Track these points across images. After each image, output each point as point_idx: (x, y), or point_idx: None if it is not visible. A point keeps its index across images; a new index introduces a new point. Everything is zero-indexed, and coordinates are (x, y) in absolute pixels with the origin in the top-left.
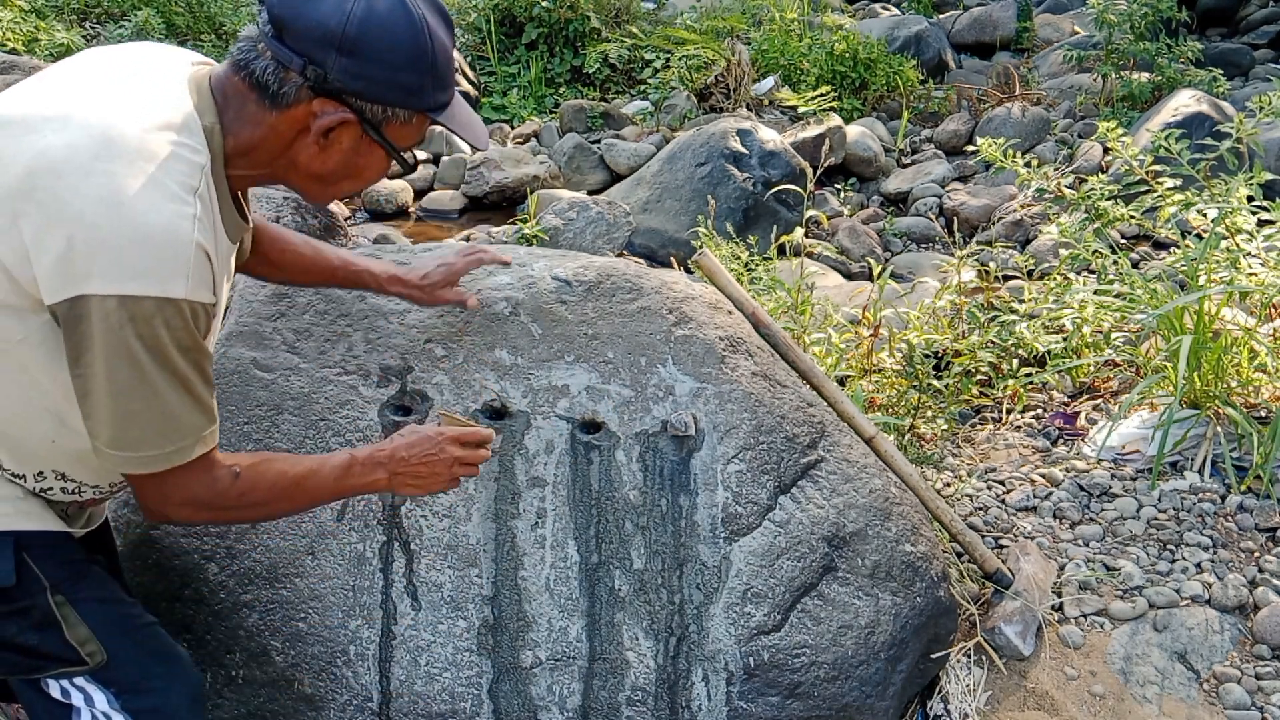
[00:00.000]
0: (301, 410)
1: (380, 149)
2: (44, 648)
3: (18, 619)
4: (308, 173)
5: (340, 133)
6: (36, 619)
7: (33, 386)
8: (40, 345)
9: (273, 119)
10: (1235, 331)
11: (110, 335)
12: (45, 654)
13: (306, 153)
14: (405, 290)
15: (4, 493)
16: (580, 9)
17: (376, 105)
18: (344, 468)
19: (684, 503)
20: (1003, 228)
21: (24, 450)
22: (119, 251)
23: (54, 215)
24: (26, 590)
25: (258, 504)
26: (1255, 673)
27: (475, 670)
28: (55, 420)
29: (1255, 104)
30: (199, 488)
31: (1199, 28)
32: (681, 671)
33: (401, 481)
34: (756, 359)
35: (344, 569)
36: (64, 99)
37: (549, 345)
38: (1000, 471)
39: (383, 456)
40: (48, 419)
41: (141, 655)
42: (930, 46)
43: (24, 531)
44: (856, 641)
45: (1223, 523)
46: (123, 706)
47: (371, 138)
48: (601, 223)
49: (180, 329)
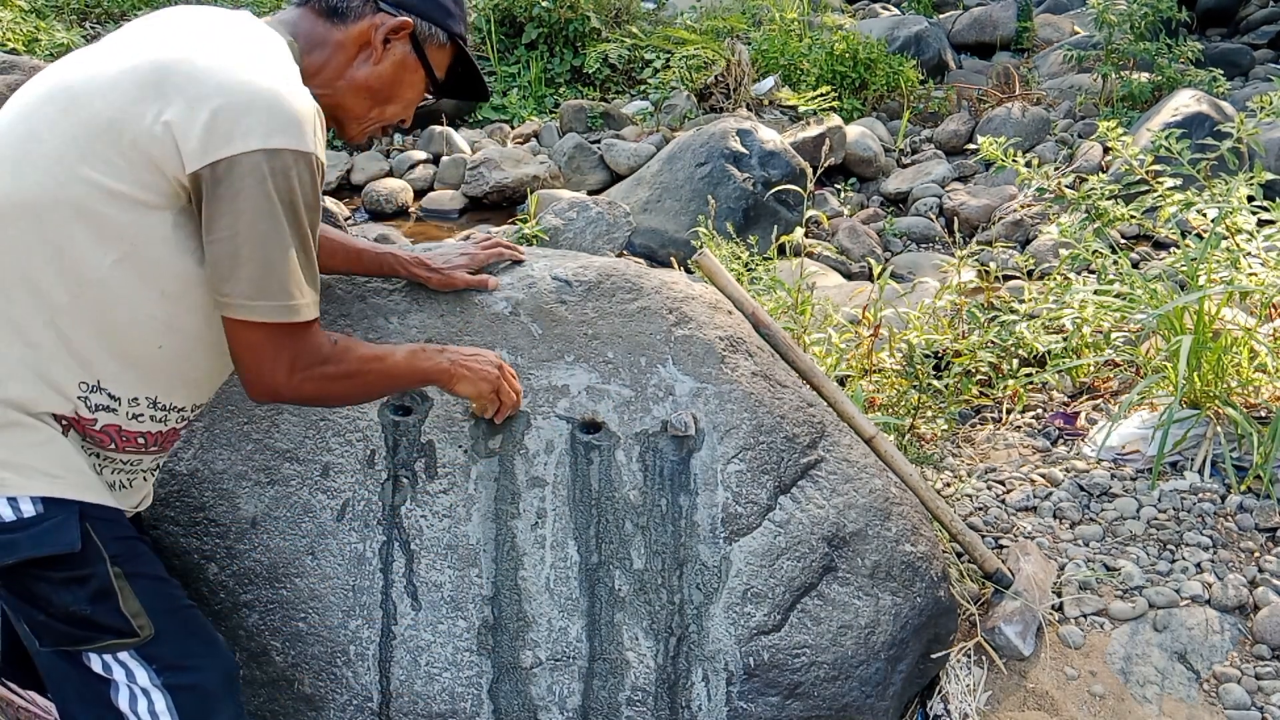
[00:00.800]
0: (301, 410)
1: (420, 71)
2: (98, 617)
3: (75, 587)
4: (365, 88)
5: (396, 42)
6: (94, 588)
7: (148, 288)
8: (163, 241)
9: (340, 36)
10: (1235, 331)
11: (254, 188)
12: (98, 624)
13: (365, 68)
14: (427, 273)
15: (72, 464)
16: (580, 9)
17: (423, 21)
18: (412, 351)
19: (684, 503)
20: (1003, 228)
21: (130, 364)
22: (259, 113)
23: (194, 93)
24: (88, 559)
25: (350, 375)
26: (1255, 673)
27: (475, 670)
28: (164, 325)
29: (1255, 104)
30: (310, 350)
31: (1199, 28)
32: (681, 671)
33: (460, 373)
34: (756, 359)
35: (344, 569)
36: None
37: (549, 345)
38: (1000, 471)
39: (441, 350)
40: (156, 325)
41: (184, 634)
42: (930, 46)
43: (87, 503)
44: (856, 641)
45: (1223, 523)
46: (163, 683)
47: (415, 55)
48: (601, 223)
49: (308, 185)
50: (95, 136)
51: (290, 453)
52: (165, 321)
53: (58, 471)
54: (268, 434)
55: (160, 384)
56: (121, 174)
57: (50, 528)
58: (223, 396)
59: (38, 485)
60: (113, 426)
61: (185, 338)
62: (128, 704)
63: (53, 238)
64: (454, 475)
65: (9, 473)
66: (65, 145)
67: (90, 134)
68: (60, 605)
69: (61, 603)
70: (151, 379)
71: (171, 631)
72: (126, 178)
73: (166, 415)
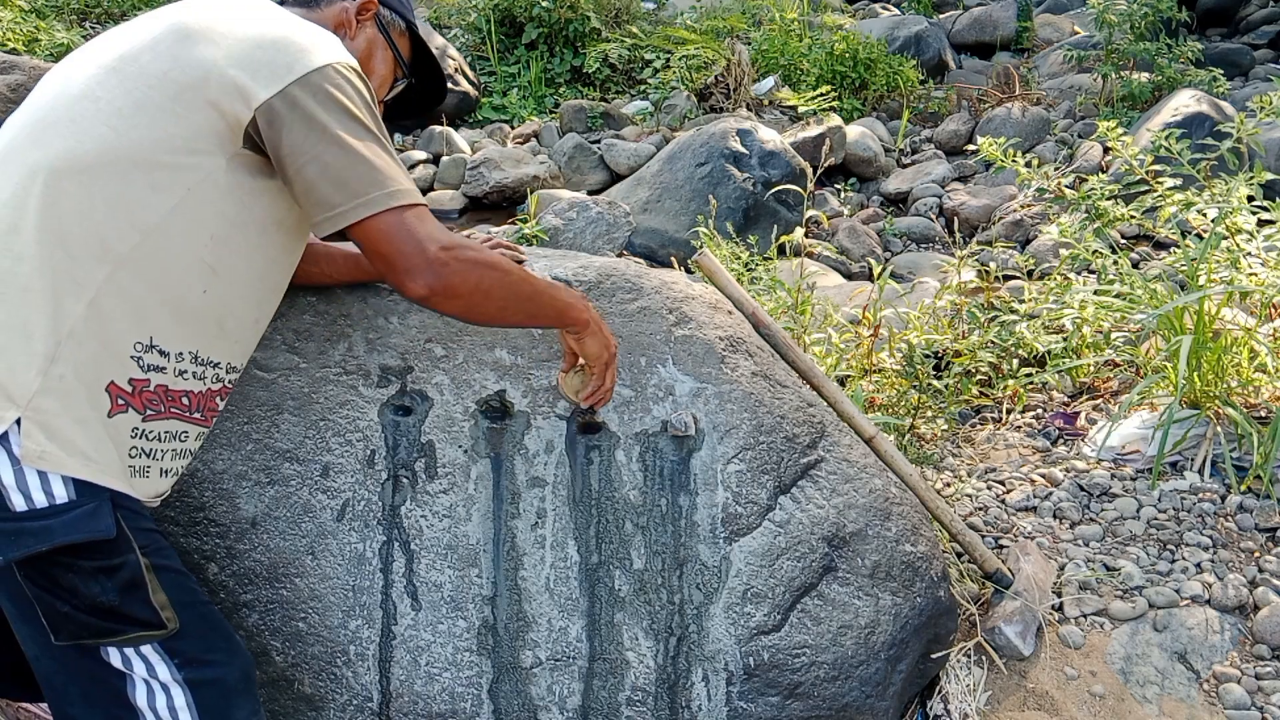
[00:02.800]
0: (301, 410)
1: (389, 49)
2: (126, 608)
3: (104, 577)
4: None
5: (365, 22)
6: (125, 579)
7: (200, 232)
8: (215, 185)
9: (317, 18)
10: (1235, 331)
11: (326, 102)
12: (126, 615)
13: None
14: None
15: (107, 449)
16: (580, 9)
17: (384, 6)
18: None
19: (684, 503)
20: (1003, 228)
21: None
22: (303, 40)
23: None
24: (119, 547)
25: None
26: (1255, 673)
27: (475, 670)
28: (210, 269)
29: (1255, 104)
30: (438, 228)
31: (1199, 28)
32: (681, 671)
33: (596, 329)
34: (756, 359)
35: (344, 569)
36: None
37: (549, 345)
38: (1000, 471)
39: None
40: (204, 269)
41: (206, 628)
42: (930, 46)
43: (115, 490)
44: (856, 641)
45: (1223, 523)
46: (184, 678)
47: (382, 35)
48: (601, 223)
49: (366, 89)
50: (151, 88)
51: (290, 453)
52: (211, 264)
53: (94, 454)
54: (268, 434)
55: (202, 335)
56: (179, 122)
57: (84, 514)
58: None
59: (74, 465)
60: (161, 387)
61: (227, 283)
62: (145, 700)
63: (113, 190)
64: (454, 475)
65: (53, 445)
66: (121, 99)
67: (145, 86)
68: (88, 595)
69: (89, 593)
70: (196, 330)
71: (194, 626)
72: (183, 125)
73: (205, 371)
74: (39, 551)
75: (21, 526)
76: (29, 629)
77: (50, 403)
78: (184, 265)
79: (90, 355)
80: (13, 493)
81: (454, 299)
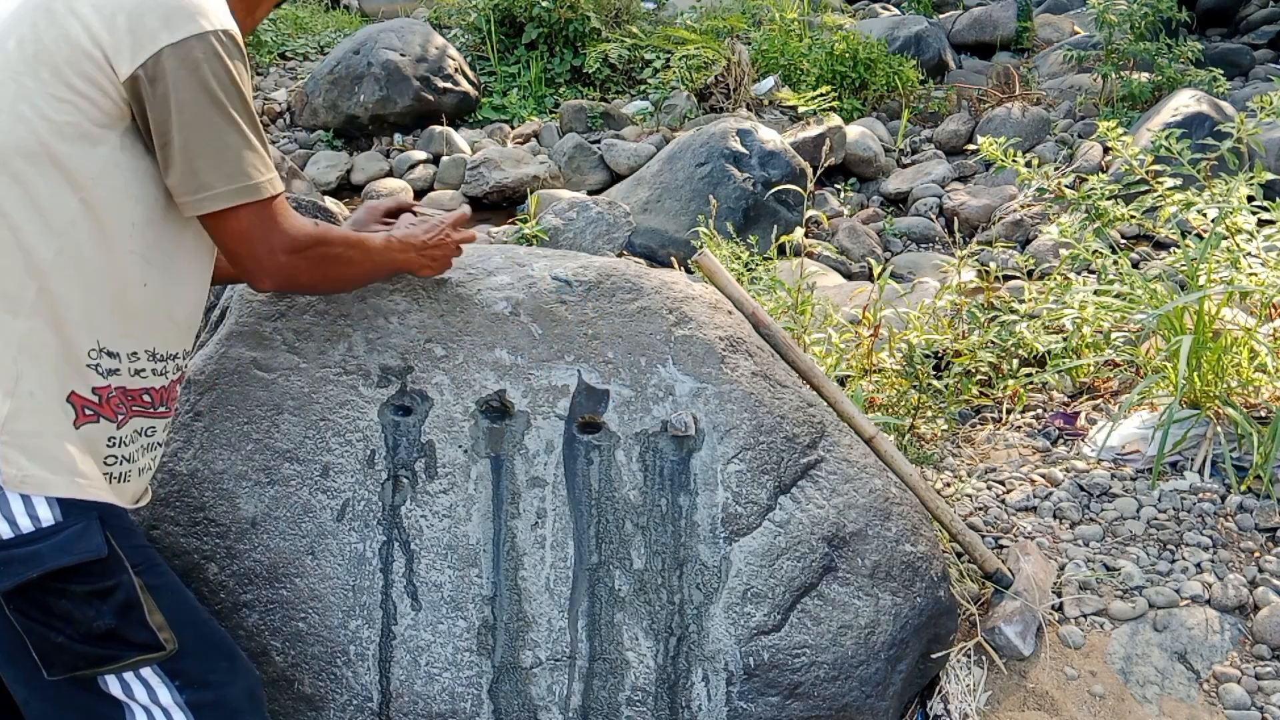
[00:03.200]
0: (301, 410)
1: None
2: (123, 632)
3: (98, 601)
4: None
5: None
6: (120, 600)
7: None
8: (117, 167)
9: None
10: (1235, 331)
11: (191, 77)
12: (123, 639)
13: None
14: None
15: (87, 462)
16: (580, 9)
17: None
18: (384, 241)
19: (684, 503)
20: (1003, 228)
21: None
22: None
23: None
24: (111, 568)
25: (336, 258)
26: (1255, 673)
27: (475, 670)
28: (142, 260)
29: (1255, 104)
30: (293, 224)
31: (1199, 28)
32: (681, 671)
33: (424, 262)
34: (756, 359)
35: (344, 569)
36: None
37: (549, 345)
38: (1000, 471)
39: (415, 241)
40: (136, 261)
41: (206, 647)
42: (930, 46)
43: (101, 504)
44: (856, 641)
45: (1223, 523)
46: (186, 701)
47: None
48: (601, 223)
49: (238, 59)
50: (24, 74)
51: (290, 453)
52: (143, 255)
53: (76, 470)
54: (268, 434)
55: (155, 331)
56: (62, 107)
57: (72, 535)
58: (222, 396)
59: (60, 484)
60: (119, 389)
61: (164, 271)
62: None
63: (16, 195)
64: (454, 475)
65: (34, 466)
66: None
67: (18, 74)
68: (83, 621)
69: (84, 618)
70: (147, 326)
71: (194, 645)
72: (68, 110)
73: (164, 366)
74: (29, 579)
75: (9, 554)
76: (17, 670)
77: (24, 424)
78: (113, 261)
79: (50, 369)
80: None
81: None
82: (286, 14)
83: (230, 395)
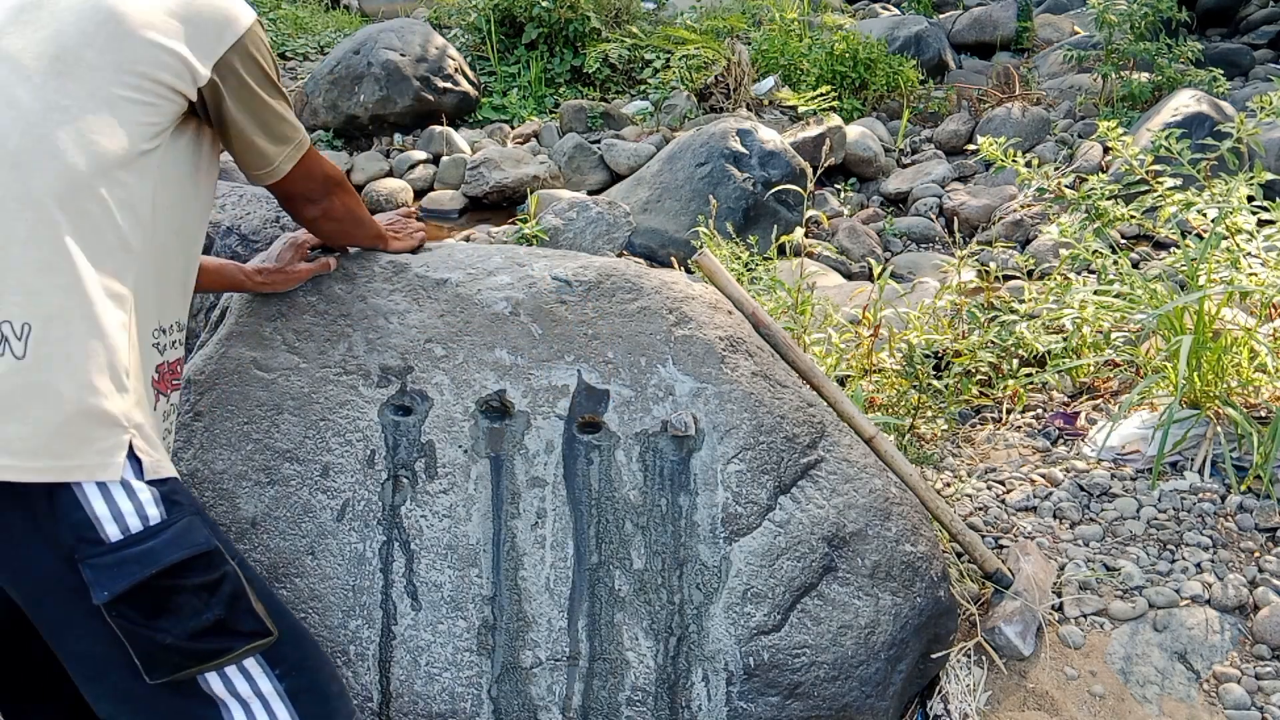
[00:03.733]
0: (301, 410)
1: None
2: (234, 622)
3: (206, 594)
4: None
5: None
6: (227, 591)
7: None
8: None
9: None
10: (1235, 331)
11: (254, 68)
12: (233, 629)
13: None
14: (267, 278)
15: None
16: (580, 9)
17: None
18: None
19: (684, 503)
20: (1003, 228)
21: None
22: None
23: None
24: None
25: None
26: (1255, 673)
27: (475, 670)
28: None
29: (1255, 104)
30: (330, 166)
31: (1199, 28)
32: (681, 671)
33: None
34: (756, 359)
35: (344, 569)
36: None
37: (549, 345)
38: (1000, 471)
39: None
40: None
41: (297, 634)
42: (930, 46)
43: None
44: (856, 641)
45: (1223, 523)
46: (285, 689)
47: None
48: (601, 223)
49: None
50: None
51: (290, 453)
52: (177, 232)
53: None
54: (268, 434)
55: (181, 302)
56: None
57: (180, 530)
58: (222, 396)
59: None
60: (168, 364)
61: (187, 244)
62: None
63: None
64: (454, 475)
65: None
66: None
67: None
68: (195, 615)
69: (196, 611)
70: (178, 299)
71: (288, 632)
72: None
73: (183, 336)
74: (144, 579)
75: (121, 556)
76: (103, 685)
77: (139, 415)
78: (171, 242)
79: (138, 356)
80: (106, 523)
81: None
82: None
83: (230, 395)
